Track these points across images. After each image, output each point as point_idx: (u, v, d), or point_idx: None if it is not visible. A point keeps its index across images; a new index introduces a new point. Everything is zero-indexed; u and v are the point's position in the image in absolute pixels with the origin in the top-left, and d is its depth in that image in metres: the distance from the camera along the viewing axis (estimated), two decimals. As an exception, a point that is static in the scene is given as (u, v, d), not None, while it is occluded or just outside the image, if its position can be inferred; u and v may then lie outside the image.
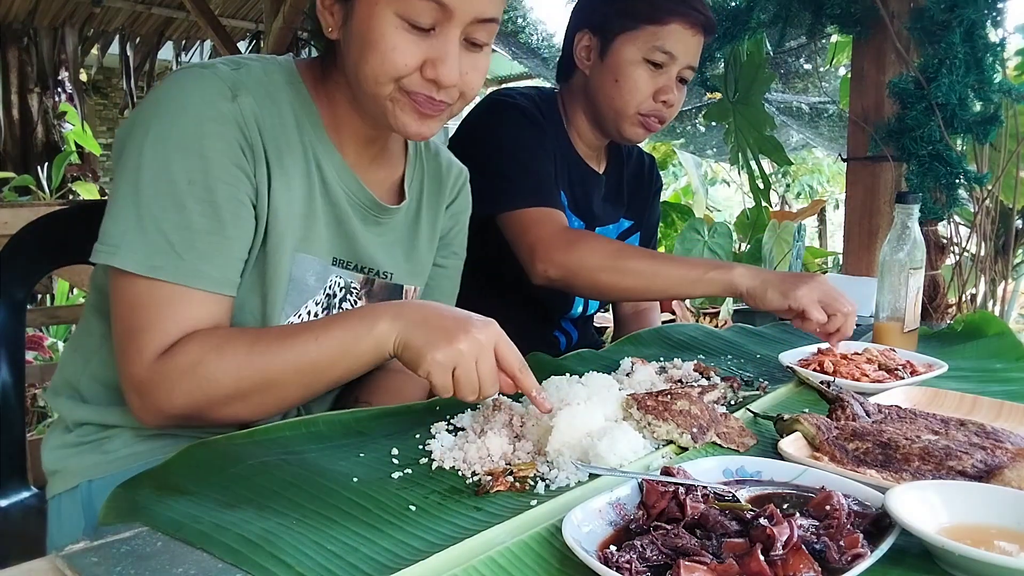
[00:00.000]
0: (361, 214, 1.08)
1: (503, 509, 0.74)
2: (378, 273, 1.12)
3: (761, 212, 4.15)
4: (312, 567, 0.62)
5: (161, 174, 0.89)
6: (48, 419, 3.20)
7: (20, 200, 4.88)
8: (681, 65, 1.49)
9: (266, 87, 0.98)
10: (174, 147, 0.90)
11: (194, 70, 0.95)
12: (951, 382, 1.22)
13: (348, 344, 0.89)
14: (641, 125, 1.52)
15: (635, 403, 0.94)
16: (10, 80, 5.64)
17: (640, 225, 1.76)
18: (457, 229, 1.28)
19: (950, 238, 2.30)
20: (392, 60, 0.92)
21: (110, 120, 8.98)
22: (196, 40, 5.37)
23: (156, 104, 0.93)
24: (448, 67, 0.93)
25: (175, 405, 0.89)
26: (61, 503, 1.02)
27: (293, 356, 0.88)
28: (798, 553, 0.59)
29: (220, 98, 0.92)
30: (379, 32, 0.91)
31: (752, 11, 2.31)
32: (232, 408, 0.91)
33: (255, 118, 0.94)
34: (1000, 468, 0.78)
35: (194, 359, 0.88)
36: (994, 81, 2.02)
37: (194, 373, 0.88)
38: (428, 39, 0.93)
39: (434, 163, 1.22)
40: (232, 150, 0.92)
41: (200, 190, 0.90)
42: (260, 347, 0.89)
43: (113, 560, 0.62)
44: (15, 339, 1.20)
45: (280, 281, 1.00)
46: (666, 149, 6.92)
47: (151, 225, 0.88)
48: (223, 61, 0.98)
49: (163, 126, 0.91)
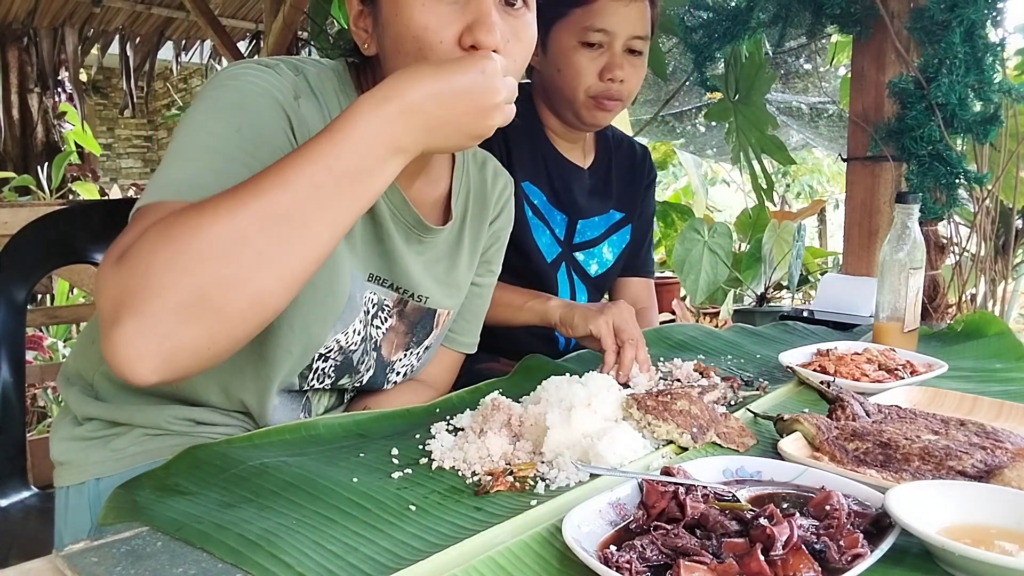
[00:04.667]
0: (404, 233, 1.04)
1: (503, 509, 0.74)
2: (413, 296, 1.09)
3: (761, 212, 4.15)
4: (312, 567, 0.62)
5: (213, 122, 0.84)
6: (48, 419, 3.20)
7: (20, 200, 4.88)
8: (623, 38, 1.45)
9: (322, 94, 0.94)
10: (231, 105, 0.85)
11: (258, 66, 0.90)
12: (951, 382, 1.22)
13: (366, 166, 0.73)
14: (596, 107, 1.49)
15: (635, 403, 0.94)
16: (10, 80, 5.65)
17: (632, 217, 1.74)
18: (497, 246, 1.25)
19: (950, 238, 2.30)
20: (427, 41, 0.85)
21: (110, 120, 8.97)
22: (196, 40, 5.36)
23: (220, 82, 0.88)
24: (487, 26, 0.84)
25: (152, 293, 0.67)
26: (68, 497, 1.02)
27: (306, 182, 0.71)
28: (798, 553, 0.59)
29: (284, 94, 0.89)
30: (408, 16, 0.85)
31: (752, 11, 2.31)
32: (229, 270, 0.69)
33: (308, 125, 0.90)
34: (1000, 468, 0.78)
35: (162, 227, 0.69)
36: (994, 81, 2.02)
37: (167, 235, 0.68)
38: (461, 8, 0.85)
39: (480, 175, 1.19)
40: (284, 128, 0.87)
41: (249, 136, 0.83)
42: (248, 183, 0.71)
43: (113, 560, 0.62)
44: (15, 339, 1.21)
45: (336, 297, 0.96)
46: (666, 149, 6.91)
47: (194, 163, 0.80)
48: (284, 61, 0.94)
49: (224, 92, 0.86)
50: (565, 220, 1.63)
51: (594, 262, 1.69)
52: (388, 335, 1.09)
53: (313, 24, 3.47)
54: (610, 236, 1.71)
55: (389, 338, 1.10)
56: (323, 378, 1.05)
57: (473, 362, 1.37)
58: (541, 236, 1.59)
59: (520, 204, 1.54)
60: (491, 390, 1.02)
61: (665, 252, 4.81)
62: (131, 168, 9.64)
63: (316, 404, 1.11)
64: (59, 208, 1.30)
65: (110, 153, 9.38)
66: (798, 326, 1.72)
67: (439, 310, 1.14)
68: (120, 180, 8.79)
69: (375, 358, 1.10)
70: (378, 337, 1.08)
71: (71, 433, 1.05)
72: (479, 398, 0.97)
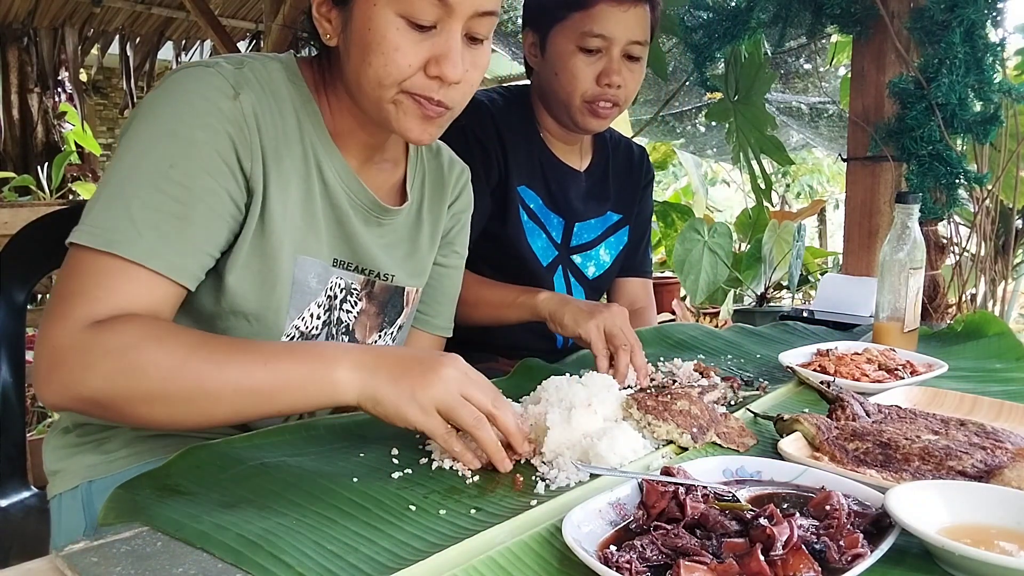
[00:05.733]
0: (363, 215, 1.07)
1: (503, 509, 0.74)
2: (379, 275, 1.11)
3: (761, 212, 4.15)
4: (312, 567, 0.62)
5: (144, 156, 0.87)
6: (48, 419, 3.20)
7: (20, 200, 4.88)
8: (621, 44, 1.43)
9: (269, 86, 0.97)
10: (165, 133, 0.88)
11: (198, 67, 0.93)
12: (951, 382, 1.22)
13: (299, 379, 0.82)
14: (591, 113, 1.47)
15: (635, 403, 0.94)
16: (10, 80, 5.64)
17: (629, 218, 1.74)
18: (458, 228, 1.28)
19: (950, 238, 2.30)
20: (395, 61, 0.91)
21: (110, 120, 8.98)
22: (196, 40, 5.36)
23: (156, 98, 0.91)
24: (452, 62, 0.91)
25: (89, 386, 0.79)
26: (62, 503, 1.03)
27: (236, 374, 0.81)
28: (798, 553, 0.59)
29: (221, 95, 0.91)
30: (380, 34, 0.90)
31: (752, 11, 2.31)
32: (151, 409, 0.81)
33: (255, 117, 0.93)
34: (1000, 468, 0.78)
35: (127, 341, 0.80)
36: (994, 81, 2.02)
37: (123, 356, 0.79)
38: (430, 37, 0.91)
39: (435, 162, 1.22)
40: (223, 144, 0.90)
41: (179, 174, 0.87)
42: (204, 352, 0.81)
43: (113, 560, 0.62)
44: (15, 339, 1.20)
45: (283, 284, 0.99)
46: (666, 149, 6.91)
47: (119, 203, 0.85)
48: (226, 59, 0.96)
49: (158, 116, 0.89)
50: (562, 223, 1.62)
51: (591, 264, 1.68)
52: (360, 318, 1.12)
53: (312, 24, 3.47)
54: (607, 238, 1.70)
55: (361, 321, 1.12)
56: None
57: (471, 362, 1.37)
58: (536, 240, 1.58)
59: (515, 209, 1.54)
60: (491, 390, 1.02)
61: (665, 252, 4.80)
62: (131, 168, 9.63)
63: None
64: (59, 208, 1.30)
65: (110, 153, 9.37)
66: (798, 326, 1.72)
67: (407, 288, 1.16)
68: (120, 180, 8.77)
69: (347, 342, 1.11)
70: (349, 321, 1.10)
71: (63, 441, 1.05)
72: (479, 398, 0.97)
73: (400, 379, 0.81)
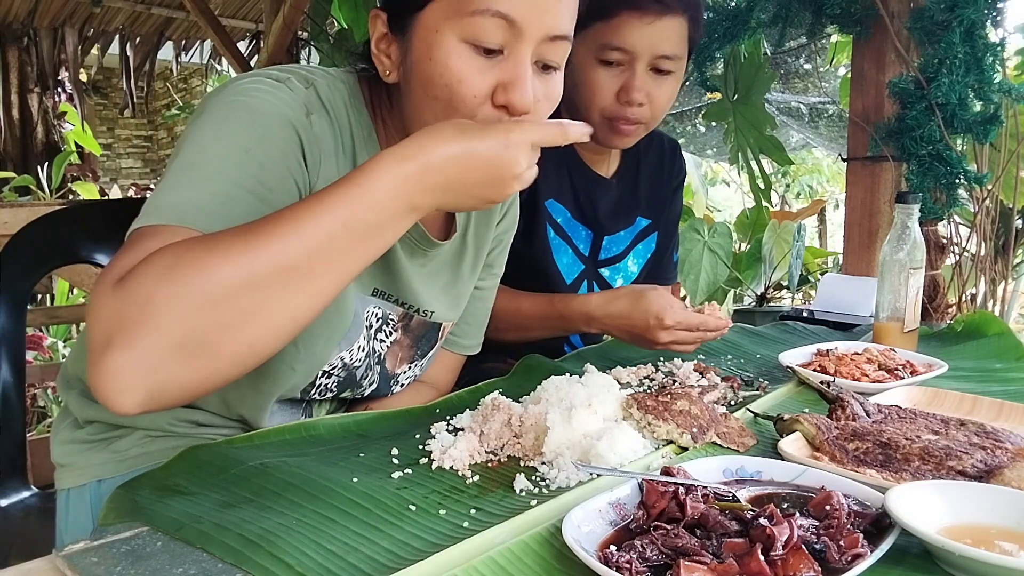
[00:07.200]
0: (409, 247, 1.03)
1: (503, 509, 0.74)
2: (418, 311, 1.08)
3: (761, 212, 4.15)
4: (312, 567, 0.62)
5: (216, 146, 0.80)
6: (48, 419, 3.20)
7: (20, 200, 4.88)
8: (646, 58, 1.32)
9: (333, 109, 0.92)
10: (239, 124, 0.82)
11: (268, 79, 0.87)
12: (951, 382, 1.22)
13: (381, 221, 0.72)
14: (612, 130, 1.38)
15: (635, 403, 0.94)
16: (10, 80, 5.65)
17: (658, 223, 1.66)
18: (500, 249, 1.24)
19: (950, 238, 2.30)
20: (460, 93, 0.84)
21: (110, 120, 8.97)
22: (196, 40, 5.36)
23: (226, 99, 0.84)
24: (522, 89, 0.83)
25: (162, 332, 0.65)
26: (70, 499, 1.02)
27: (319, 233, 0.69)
28: (798, 553, 0.59)
29: (297, 111, 0.86)
30: (443, 64, 0.84)
31: (752, 11, 2.31)
32: (242, 314, 0.67)
33: (320, 142, 0.88)
34: (1000, 468, 0.78)
35: (166, 262, 0.66)
36: (994, 81, 2.02)
37: (171, 272, 0.66)
38: (497, 63, 0.84)
39: None
40: (295, 151, 0.84)
41: (255, 164, 0.80)
42: (260, 227, 0.69)
43: (113, 560, 0.62)
44: (15, 339, 1.21)
45: (343, 316, 0.95)
46: (666, 149, 6.91)
47: (192, 187, 0.77)
48: (294, 74, 0.90)
49: (230, 111, 0.82)
50: (590, 236, 1.57)
51: (619, 277, 1.64)
52: (392, 348, 1.09)
53: (313, 24, 3.47)
54: (635, 246, 1.65)
55: (393, 351, 1.09)
56: (325, 392, 1.05)
57: (480, 361, 1.36)
58: (562, 257, 1.54)
59: (543, 225, 1.49)
60: (491, 390, 1.02)
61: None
62: (131, 168, 9.64)
63: (317, 410, 1.11)
64: (59, 208, 1.30)
65: (110, 153, 9.38)
66: (798, 326, 1.72)
67: (444, 323, 1.14)
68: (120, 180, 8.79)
69: (379, 372, 1.09)
70: (382, 351, 1.08)
71: (72, 436, 1.04)
72: (479, 398, 0.97)
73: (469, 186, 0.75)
